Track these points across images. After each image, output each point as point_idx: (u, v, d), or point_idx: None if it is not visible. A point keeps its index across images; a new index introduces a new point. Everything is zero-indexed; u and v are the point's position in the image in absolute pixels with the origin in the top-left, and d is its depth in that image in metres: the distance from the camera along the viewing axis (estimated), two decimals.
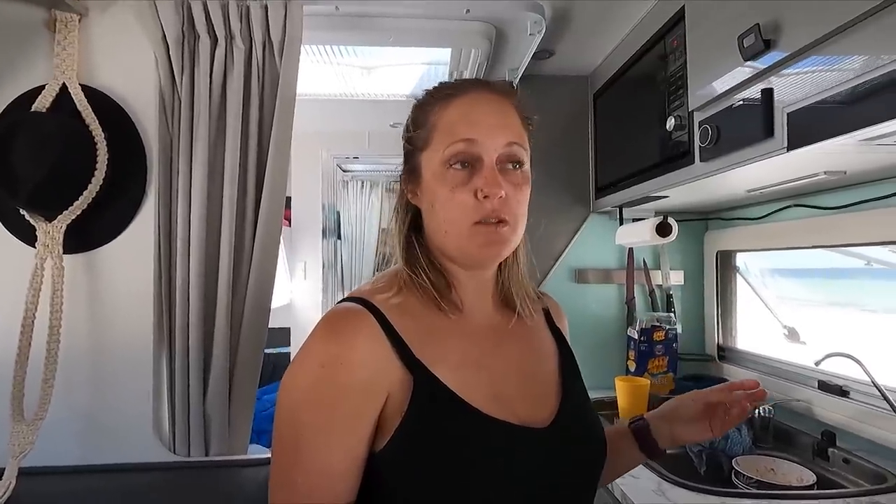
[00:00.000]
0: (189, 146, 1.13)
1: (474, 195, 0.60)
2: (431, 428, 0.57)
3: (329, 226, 2.63)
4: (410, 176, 0.67)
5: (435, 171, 0.62)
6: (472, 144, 0.60)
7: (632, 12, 1.38)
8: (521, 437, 0.60)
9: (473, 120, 0.61)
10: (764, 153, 0.91)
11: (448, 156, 0.61)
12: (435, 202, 0.62)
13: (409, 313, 0.62)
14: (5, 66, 1.10)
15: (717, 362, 1.77)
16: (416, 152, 0.65)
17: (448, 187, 0.61)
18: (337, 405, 0.56)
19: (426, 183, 0.64)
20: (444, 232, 0.62)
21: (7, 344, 1.01)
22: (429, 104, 0.65)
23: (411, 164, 0.67)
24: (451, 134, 0.61)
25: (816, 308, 1.59)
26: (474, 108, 0.63)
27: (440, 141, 0.62)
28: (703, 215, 1.84)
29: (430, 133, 0.64)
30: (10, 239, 1.08)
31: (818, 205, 1.34)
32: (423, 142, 0.64)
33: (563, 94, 1.81)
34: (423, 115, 0.65)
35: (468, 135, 0.61)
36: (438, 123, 0.63)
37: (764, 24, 0.86)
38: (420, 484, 0.56)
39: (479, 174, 0.60)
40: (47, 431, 1.00)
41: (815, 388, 1.34)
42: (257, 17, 1.13)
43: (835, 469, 1.21)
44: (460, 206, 0.60)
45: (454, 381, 0.59)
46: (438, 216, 0.62)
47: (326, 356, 0.57)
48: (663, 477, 1.07)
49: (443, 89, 0.66)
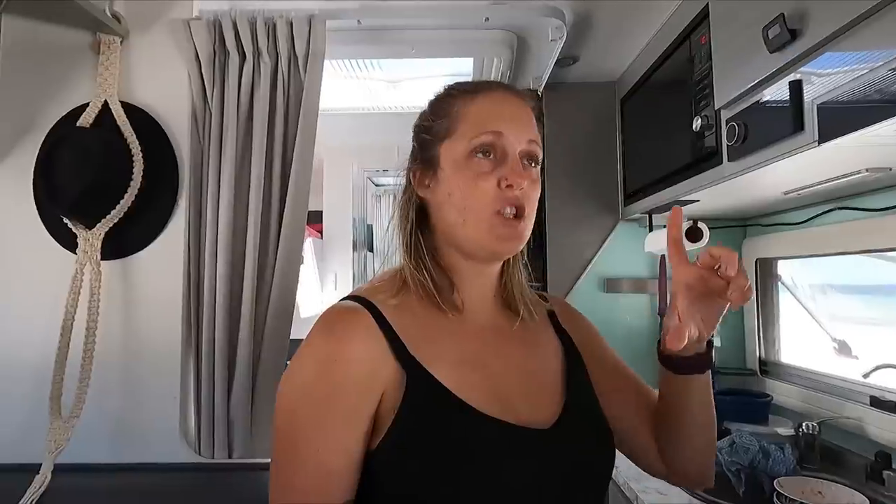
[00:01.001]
0: (218, 158, 1.18)
1: (497, 184, 0.61)
2: (425, 425, 0.57)
3: (359, 238, 2.68)
4: (424, 166, 0.66)
5: (457, 159, 0.62)
6: (500, 137, 0.62)
7: (655, 14, 1.35)
8: (521, 436, 0.58)
9: (502, 114, 0.63)
10: (794, 148, 0.86)
11: (476, 145, 0.61)
12: (454, 191, 0.62)
13: (408, 312, 0.62)
14: (55, 86, 1.19)
15: (759, 377, 1.66)
16: (435, 142, 0.65)
17: (471, 175, 0.61)
18: (333, 403, 0.56)
19: (445, 172, 0.64)
20: (463, 221, 0.62)
21: (45, 344, 1.07)
22: (451, 96, 0.66)
23: (427, 155, 0.66)
24: (480, 124, 0.62)
25: (872, 326, 1.47)
26: (500, 103, 0.64)
27: (466, 130, 0.62)
28: (740, 221, 1.75)
29: (453, 122, 0.64)
30: (54, 245, 1.15)
31: (864, 206, 1.25)
32: (446, 131, 0.64)
33: (590, 100, 1.78)
34: (446, 106, 0.65)
35: (496, 127, 0.62)
36: (464, 114, 0.63)
37: (789, 14, 0.82)
38: (414, 482, 0.55)
39: (503, 165, 0.61)
40: (81, 430, 1.05)
41: (866, 404, 1.24)
42: (283, 33, 1.18)
43: (890, 493, 1.10)
44: (483, 195, 0.61)
45: (451, 379, 0.58)
46: (458, 205, 0.62)
47: (322, 354, 0.58)
48: (695, 495, 1.01)
49: (466, 84, 0.67)
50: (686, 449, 0.68)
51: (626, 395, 0.72)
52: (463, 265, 0.65)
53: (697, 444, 0.67)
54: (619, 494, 1.11)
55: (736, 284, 0.56)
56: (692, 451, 0.68)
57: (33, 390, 1.08)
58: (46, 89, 1.19)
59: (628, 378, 0.73)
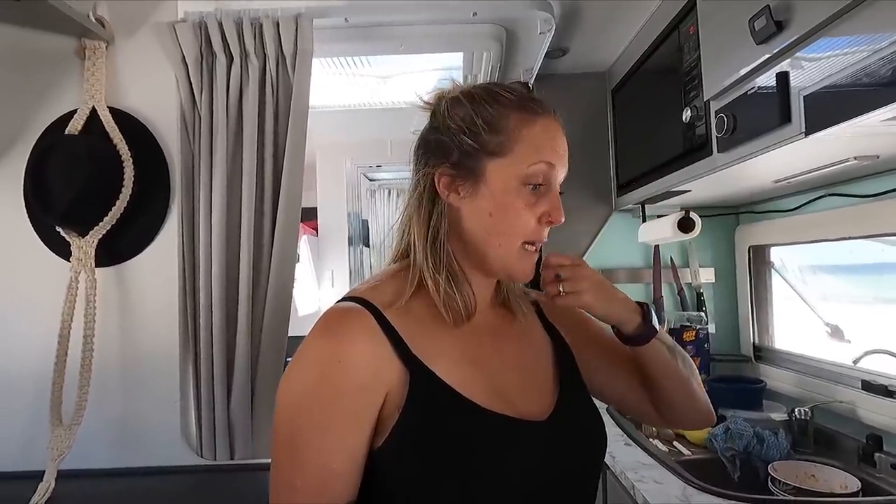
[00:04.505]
0: (209, 160, 1.17)
1: (538, 219, 0.62)
2: (430, 423, 0.57)
3: (355, 234, 2.68)
4: (462, 174, 0.63)
5: (508, 182, 0.61)
6: (552, 170, 0.62)
7: (643, 4, 1.35)
8: (522, 429, 0.59)
9: (555, 146, 0.63)
10: (781, 140, 0.87)
11: (531, 173, 0.61)
12: (496, 213, 0.61)
13: (408, 312, 0.62)
14: (41, 94, 1.18)
15: (754, 363, 1.68)
16: (482, 154, 0.62)
17: (520, 205, 0.61)
18: (336, 405, 0.56)
19: (489, 190, 0.62)
20: (497, 244, 0.62)
21: (44, 353, 1.07)
22: (507, 108, 0.62)
23: (469, 164, 0.62)
24: (539, 154, 0.61)
25: (863, 305, 1.49)
26: (554, 134, 0.64)
27: (524, 156, 0.61)
28: (732, 209, 1.76)
29: (511, 142, 0.61)
30: (48, 254, 1.15)
31: (853, 193, 1.26)
32: (499, 147, 0.61)
33: (581, 91, 1.78)
34: (501, 120, 0.62)
35: (552, 159, 0.62)
36: (522, 137, 0.61)
37: (774, 5, 0.82)
38: (421, 479, 0.56)
39: (547, 199, 0.62)
40: (83, 436, 1.06)
41: (858, 388, 1.26)
42: (270, 33, 1.17)
43: (882, 475, 1.12)
44: (524, 226, 0.62)
45: (453, 376, 0.59)
46: (496, 228, 0.62)
47: (325, 356, 0.57)
48: (689, 483, 1.02)
49: (525, 101, 0.63)
50: (673, 402, 0.73)
51: (620, 366, 0.76)
52: (472, 271, 0.66)
53: (677, 397, 0.73)
54: (616, 484, 1.12)
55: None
56: (678, 403, 0.74)
57: (34, 399, 1.09)
58: (33, 97, 1.18)
59: (618, 349, 0.76)
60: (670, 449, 1.34)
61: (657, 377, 0.71)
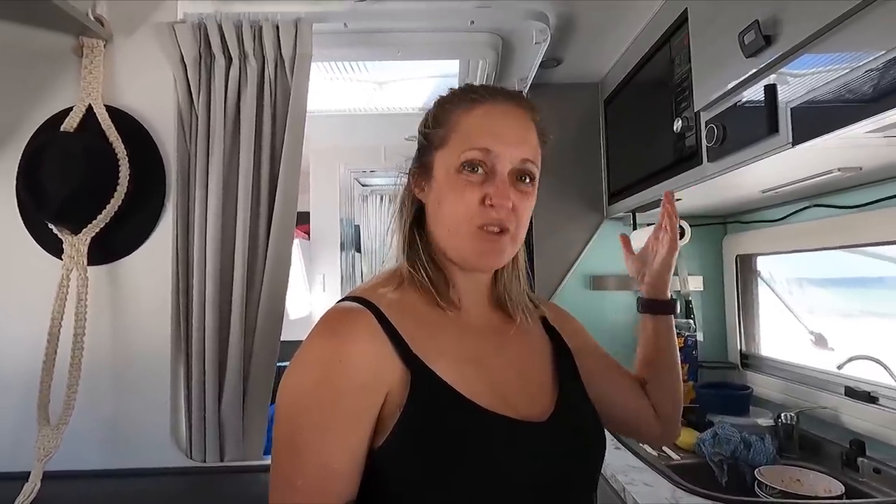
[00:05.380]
0: (205, 161, 1.17)
1: (481, 201, 0.62)
2: (431, 422, 0.58)
3: (347, 239, 2.68)
4: (422, 171, 0.68)
5: (448, 171, 0.64)
6: (488, 154, 0.62)
7: (636, 17, 1.39)
8: (521, 430, 0.60)
9: (493, 130, 0.63)
10: (769, 150, 0.89)
11: (463, 160, 0.62)
12: (443, 201, 0.64)
13: (408, 310, 0.62)
14: (37, 90, 1.17)
15: (740, 370, 1.71)
16: (432, 149, 0.66)
17: (458, 189, 0.62)
18: (337, 405, 0.56)
19: (437, 181, 0.65)
20: (448, 232, 0.64)
21: (35, 351, 1.06)
22: (451, 104, 0.67)
23: (424, 160, 0.67)
24: (470, 140, 0.63)
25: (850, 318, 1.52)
26: (496, 118, 0.64)
27: (457, 144, 0.63)
28: (720, 219, 1.80)
29: (448, 133, 0.65)
30: (39, 251, 1.14)
31: (837, 204, 1.30)
32: (441, 140, 0.65)
33: (574, 101, 1.81)
34: (444, 115, 0.66)
35: (486, 144, 0.62)
36: (458, 126, 0.64)
37: (763, 20, 0.85)
38: (421, 478, 0.56)
39: (491, 182, 0.62)
40: (70, 436, 1.05)
41: (842, 394, 1.29)
42: (269, 36, 1.18)
43: (865, 479, 1.15)
44: (467, 209, 0.62)
45: (453, 376, 0.60)
46: (445, 216, 0.64)
47: (326, 356, 0.57)
48: (678, 486, 1.04)
49: (468, 93, 0.66)
50: (664, 387, 0.81)
51: (616, 378, 0.82)
52: (451, 266, 0.67)
53: (668, 383, 0.82)
54: (606, 487, 1.13)
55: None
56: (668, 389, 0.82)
57: (22, 398, 1.07)
58: (28, 93, 1.17)
59: (613, 364, 0.83)
60: (660, 454, 1.35)
61: (664, 354, 0.81)
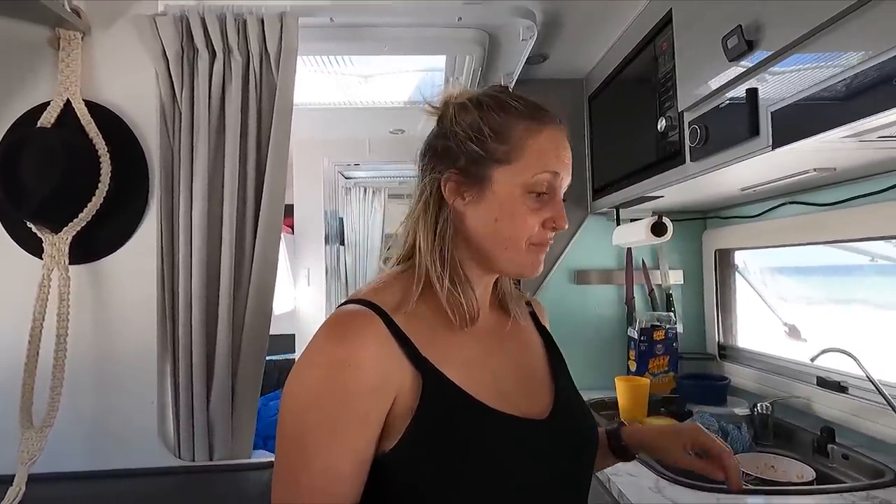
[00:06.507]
0: (190, 157, 1.16)
1: (542, 224, 0.64)
2: (443, 425, 0.58)
3: (331, 232, 2.66)
4: (468, 180, 0.64)
5: (513, 191, 0.63)
6: (556, 178, 0.64)
7: (621, 16, 1.40)
8: (526, 428, 0.62)
9: (559, 155, 0.65)
10: (750, 152, 0.92)
11: (536, 182, 0.63)
12: (502, 219, 0.63)
13: (414, 315, 0.62)
14: (12, 84, 1.14)
15: (718, 360, 1.77)
16: (488, 162, 0.63)
17: (525, 211, 0.63)
18: (345, 408, 0.56)
19: (495, 197, 0.63)
20: (503, 246, 0.64)
21: (16, 353, 1.04)
22: (514, 118, 0.64)
23: (477, 171, 0.64)
24: (543, 163, 0.63)
25: (818, 306, 1.59)
26: (559, 143, 0.65)
27: (529, 165, 0.63)
28: (700, 214, 1.84)
29: (516, 151, 0.63)
30: (18, 251, 1.12)
31: (812, 201, 1.34)
32: (505, 156, 0.63)
33: (559, 97, 1.82)
34: (508, 130, 0.63)
35: (557, 168, 0.64)
36: (528, 146, 0.63)
37: (746, 25, 0.88)
38: (434, 480, 0.57)
39: (552, 206, 0.64)
40: (55, 438, 1.03)
41: (814, 384, 1.34)
42: (254, 31, 1.16)
43: (834, 465, 1.20)
44: (528, 230, 0.64)
45: (461, 378, 0.61)
46: (502, 233, 0.64)
47: (334, 359, 0.57)
48: (661, 475, 1.07)
49: (532, 111, 0.65)
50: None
51: None
52: (475, 274, 0.67)
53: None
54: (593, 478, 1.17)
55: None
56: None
57: (4, 400, 1.05)
58: (1, 87, 1.13)
59: None
60: None
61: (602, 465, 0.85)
